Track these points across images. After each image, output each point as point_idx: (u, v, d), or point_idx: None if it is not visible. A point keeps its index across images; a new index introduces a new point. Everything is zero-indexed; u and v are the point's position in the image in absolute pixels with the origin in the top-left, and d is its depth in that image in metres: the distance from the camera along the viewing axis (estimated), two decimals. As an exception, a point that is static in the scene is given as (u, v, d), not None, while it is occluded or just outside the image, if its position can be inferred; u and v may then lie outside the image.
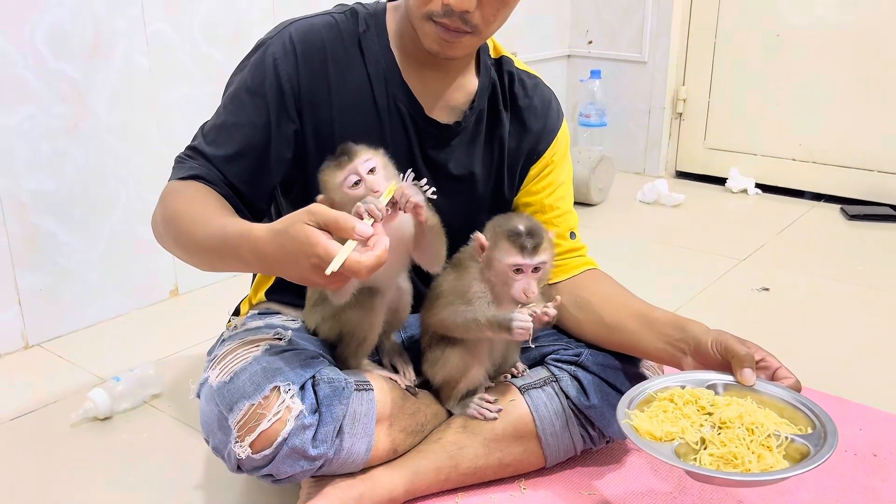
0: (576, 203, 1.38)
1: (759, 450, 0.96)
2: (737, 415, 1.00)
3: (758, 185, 2.88)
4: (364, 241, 0.88)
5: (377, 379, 1.16)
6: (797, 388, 1.05)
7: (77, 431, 1.42)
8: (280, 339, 1.14)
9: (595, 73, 3.01)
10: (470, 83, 1.23)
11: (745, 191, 2.87)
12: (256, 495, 1.25)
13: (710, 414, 1.02)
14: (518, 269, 1.09)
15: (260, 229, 0.93)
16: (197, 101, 1.92)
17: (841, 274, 2.14)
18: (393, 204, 1.02)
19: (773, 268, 2.18)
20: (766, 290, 2.03)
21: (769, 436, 0.97)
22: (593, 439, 1.23)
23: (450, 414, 1.24)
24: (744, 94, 2.86)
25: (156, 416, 1.47)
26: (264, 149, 1.15)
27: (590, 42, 3.09)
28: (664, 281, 2.10)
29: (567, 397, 1.20)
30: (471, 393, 1.21)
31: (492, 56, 1.27)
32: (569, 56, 3.15)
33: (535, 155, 1.29)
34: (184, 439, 1.40)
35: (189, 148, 1.17)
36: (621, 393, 1.12)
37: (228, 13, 1.94)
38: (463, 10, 1.05)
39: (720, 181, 2.95)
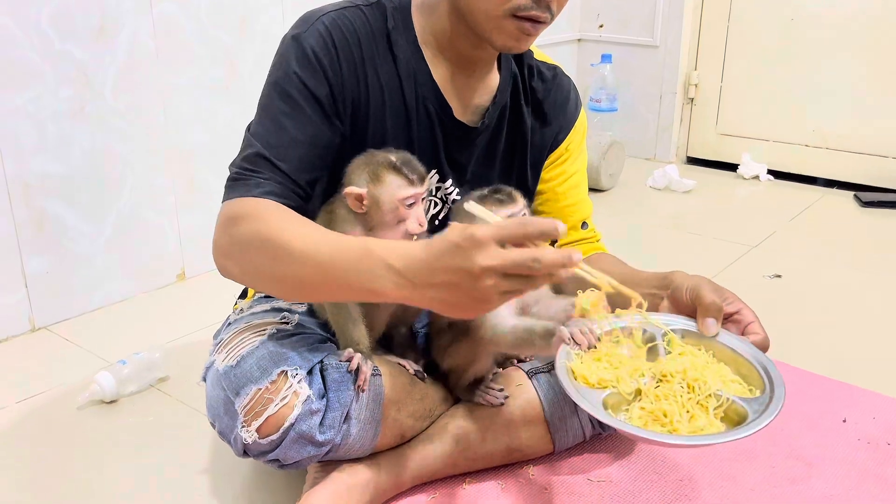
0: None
1: (694, 409, 0.92)
2: (680, 369, 0.95)
3: (770, 172, 2.85)
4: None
5: (385, 364, 1.15)
6: (763, 345, 1.01)
7: (83, 414, 1.42)
8: (287, 323, 1.13)
9: (606, 58, 2.98)
10: (493, 79, 1.20)
11: (756, 177, 2.84)
12: (262, 480, 1.24)
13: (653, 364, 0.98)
14: None
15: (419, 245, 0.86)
16: (204, 83, 1.90)
17: (854, 261, 2.12)
18: None
19: (785, 255, 2.16)
20: (779, 276, 2.01)
21: (709, 395, 0.93)
22: (602, 425, 1.21)
23: (458, 399, 1.22)
24: (757, 80, 2.83)
25: (162, 400, 1.47)
26: (326, 147, 1.09)
27: (601, 26, 3.06)
28: (675, 267, 2.07)
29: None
30: (478, 380, 1.20)
31: None
32: (579, 40, 3.12)
33: (553, 145, 1.28)
34: (190, 423, 1.39)
35: (247, 159, 1.05)
36: None
37: (236, -5, 1.92)
38: None
39: (732, 167, 2.92)
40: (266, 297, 1.26)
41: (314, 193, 1.10)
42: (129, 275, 1.86)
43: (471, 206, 0.90)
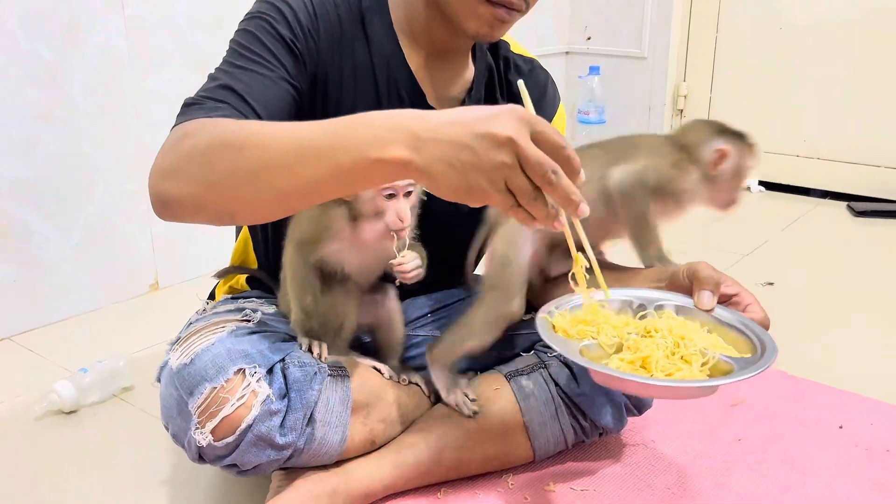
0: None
1: (677, 362, 0.85)
2: (666, 326, 0.89)
3: (761, 183, 2.80)
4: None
5: (355, 366, 1.09)
6: (764, 323, 0.95)
7: (41, 425, 1.34)
8: (248, 321, 1.06)
9: (594, 70, 2.95)
10: (468, 71, 1.16)
11: (748, 189, 2.79)
12: (227, 491, 1.17)
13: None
14: None
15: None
16: (179, 89, 1.84)
17: (848, 269, 2.07)
18: None
19: (777, 263, 2.11)
20: (771, 284, 1.95)
21: (695, 354, 0.86)
22: (585, 431, 1.15)
23: (434, 404, 1.16)
24: (746, 90, 2.80)
25: (126, 410, 1.39)
26: (296, 97, 1.02)
27: (588, 38, 3.03)
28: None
29: (556, 384, 1.12)
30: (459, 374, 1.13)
31: None
32: (567, 52, 3.09)
33: None
34: (154, 434, 1.31)
35: (208, 90, 0.95)
36: None
37: (212, -3, 1.88)
38: None
39: (722, 179, 2.87)
40: (233, 298, 1.21)
41: None
42: (99, 284, 1.80)
43: (524, 86, 0.83)
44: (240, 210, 0.82)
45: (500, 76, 1.20)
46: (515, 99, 1.20)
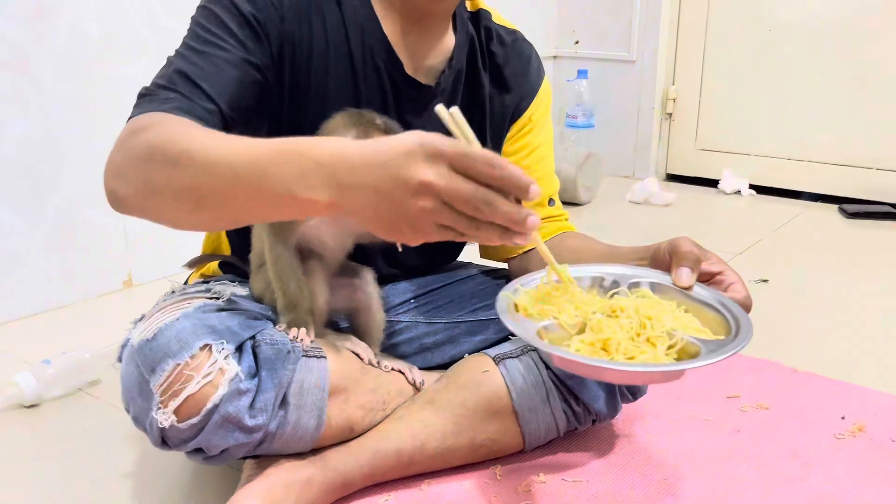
0: (563, 202, 1.26)
1: (642, 344, 0.79)
2: (632, 305, 0.83)
3: (752, 187, 2.76)
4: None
5: (333, 348, 1.02)
6: (745, 304, 0.89)
7: (-1, 419, 1.27)
8: (218, 298, 1.00)
9: (582, 73, 2.90)
10: (447, 40, 1.11)
11: (738, 192, 2.76)
12: (196, 487, 1.09)
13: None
14: None
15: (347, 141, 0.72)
16: (153, 76, 1.79)
17: (843, 267, 2.03)
18: None
19: (770, 262, 2.06)
20: (765, 281, 1.90)
21: (661, 336, 0.80)
22: (577, 417, 1.08)
23: (417, 391, 1.09)
24: (736, 93, 2.77)
25: (91, 405, 1.32)
26: (258, 75, 0.97)
27: (576, 42, 3.00)
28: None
29: (547, 367, 1.05)
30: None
31: (468, 9, 1.15)
32: (555, 57, 3.06)
33: (515, 115, 1.18)
34: (121, 428, 1.24)
35: (163, 77, 0.92)
36: None
37: (190, -15, 1.82)
38: None
39: (712, 183, 2.83)
40: (204, 281, 1.14)
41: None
42: (68, 279, 1.72)
43: (444, 111, 0.73)
44: (178, 220, 0.81)
45: (482, 46, 1.15)
46: (499, 71, 1.15)
